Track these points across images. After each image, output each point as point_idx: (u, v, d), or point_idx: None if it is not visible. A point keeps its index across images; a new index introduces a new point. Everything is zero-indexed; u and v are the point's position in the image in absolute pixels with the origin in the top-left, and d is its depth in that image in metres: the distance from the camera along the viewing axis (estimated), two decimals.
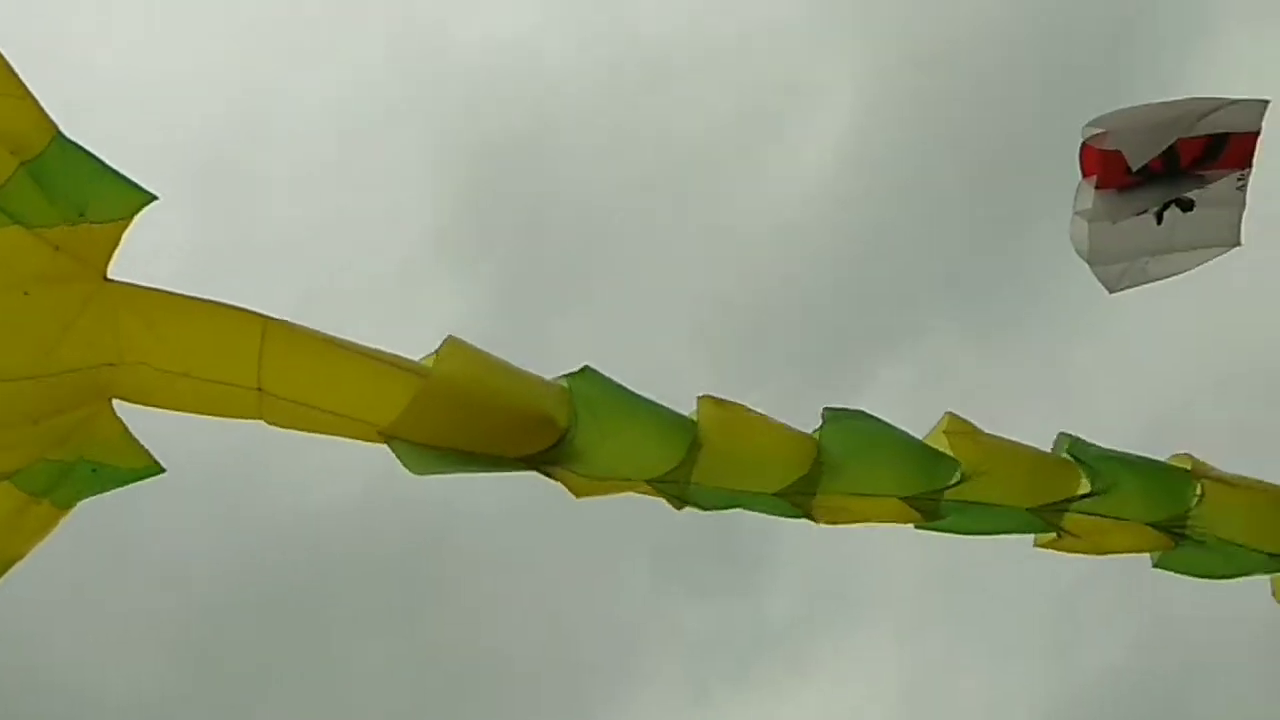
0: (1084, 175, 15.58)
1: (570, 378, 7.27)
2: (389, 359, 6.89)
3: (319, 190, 24.03)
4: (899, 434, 8.27)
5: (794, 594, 24.18)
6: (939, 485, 8.23)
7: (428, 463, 7.01)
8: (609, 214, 24.49)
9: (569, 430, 7.18)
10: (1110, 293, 16.31)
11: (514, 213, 24.65)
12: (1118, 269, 16.15)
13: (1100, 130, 15.22)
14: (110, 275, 6.26)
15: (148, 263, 6.68)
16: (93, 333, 6.27)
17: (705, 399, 7.68)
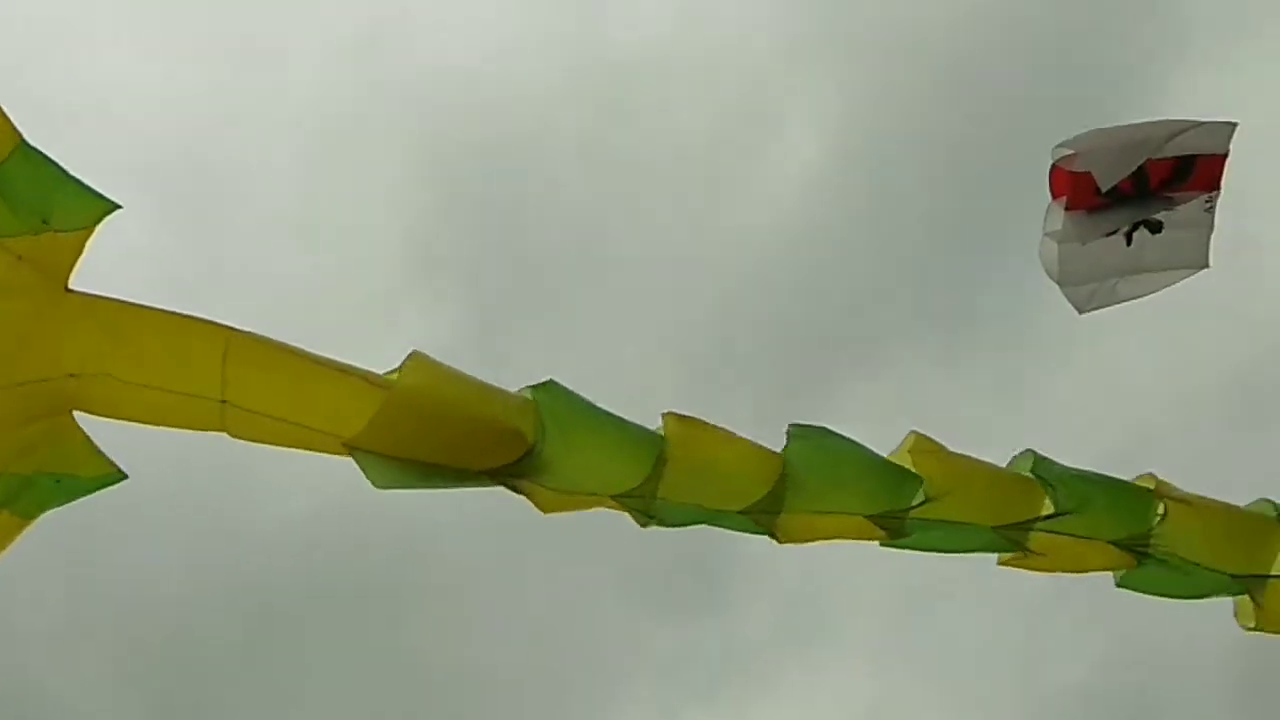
0: (1053, 196, 15.66)
1: (535, 390, 7.26)
2: (354, 371, 6.87)
3: (288, 203, 24.03)
4: (864, 452, 8.28)
5: (763, 614, 24.21)
6: (904, 504, 8.24)
7: (392, 476, 6.99)
8: (578, 231, 24.53)
9: (535, 443, 7.18)
10: (1080, 313, 16.37)
11: (484, 228, 24.67)
12: (1087, 290, 16.21)
13: (1070, 151, 15.31)
14: (72, 286, 6.24)
15: (115, 275, 6.66)
16: (54, 344, 6.23)
17: (670, 415, 7.68)
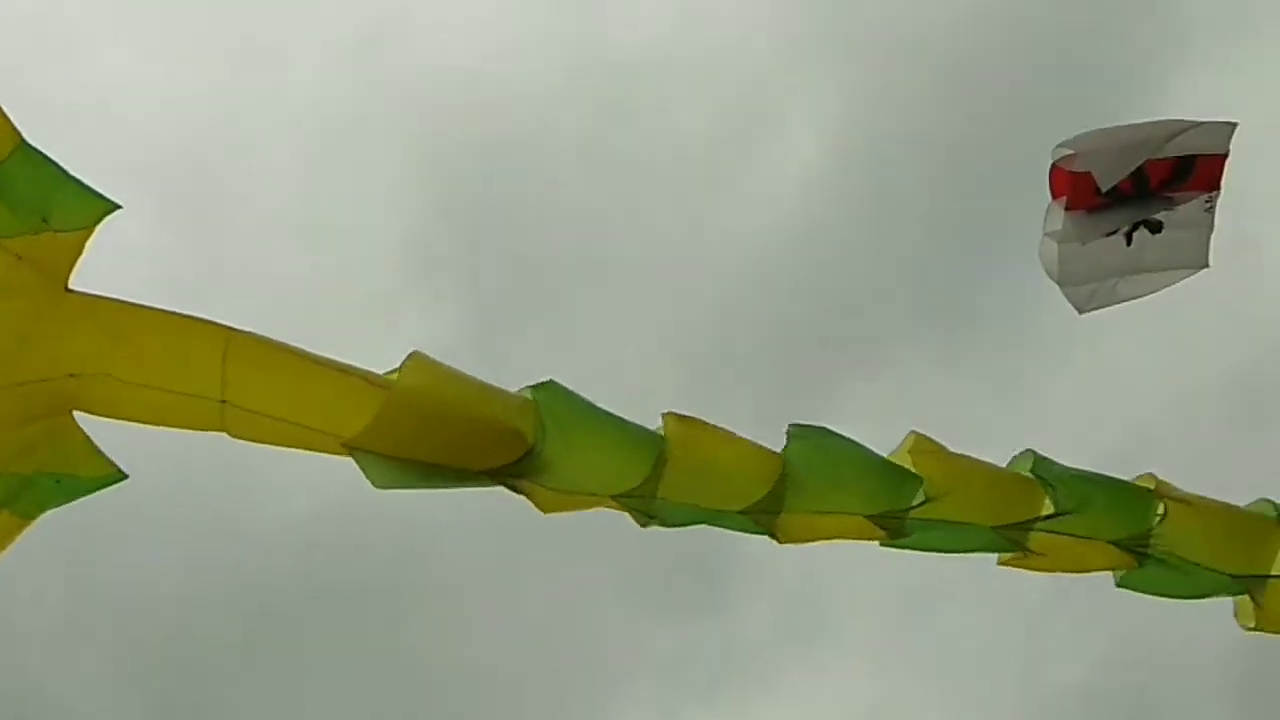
0: (1053, 196, 15.67)
1: (535, 390, 7.26)
2: (354, 371, 6.86)
3: (288, 203, 24.04)
4: (864, 452, 8.28)
5: (763, 614, 24.21)
6: (904, 504, 8.24)
7: (392, 476, 6.99)
8: (578, 231, 24.54)
9: (535, 443, 7.18)
10: (1080, 313, 16.38)
11: (484, 228, 24.68)
12: (1087, 290, 16.22)
13: (1070, 151, 15.32)
14: (72, 286, 6.24)
15: (115, 275, 6.66)
16: (54, 344, 6.23)
17: (670, 415, 7.68)
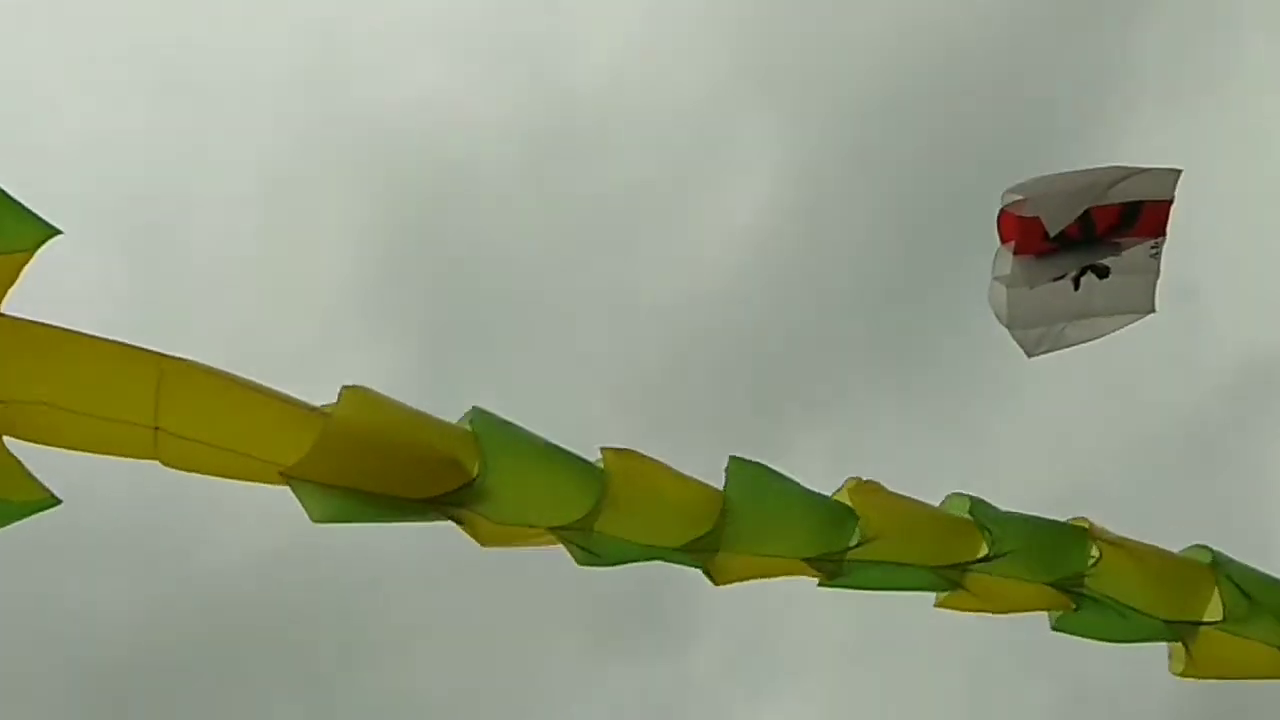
0: (1002, 241, 15.81)
1: (471, 420, 7.26)
2: (292, 400, 6.84)
3: (231, 240, 24.03)
4: (803, 491, 8.31)
5: (715, 653, 24.20)
6: (841, 545, 8.27)
7: (331, 507, 6.95)
8: (524, 273, 24.58)
9: (475, 472, 7.18)
10: (1029, 357, 16.52)
11: (433, 272, 24.72)
12: (1036, 333, 16.37)
13: (1018, 197, 15.47)
14: (4, 310, 6.21)
15: (56, 303, 6.63)
16: None
17: (607, 449, 7.68)
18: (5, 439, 6.33)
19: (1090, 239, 15.61)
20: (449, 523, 7.35)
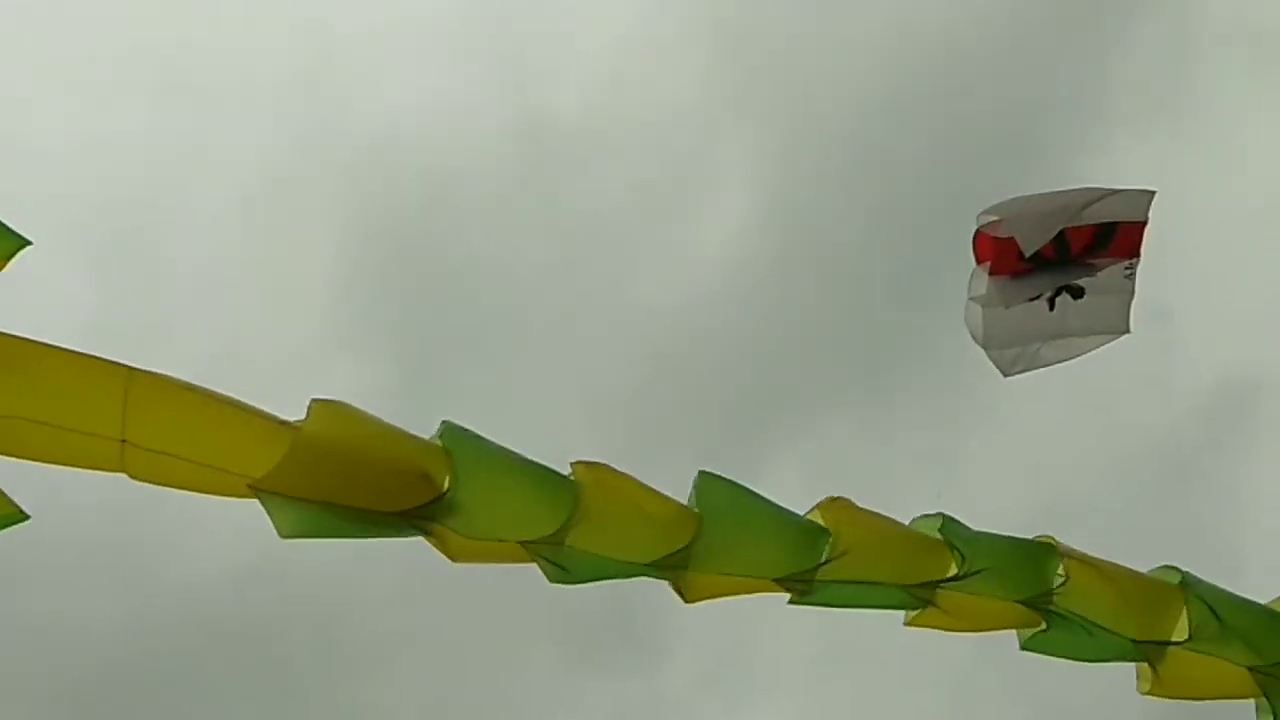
0: (978, 262, 15.86)
1: (442, 434, 7.25)
2: (262, 414, 6.82)
3: (213, 255, 23.99)
4: (773, 509, 8.30)
5: (690, 668, 24.17)
6: (811, 563, 8.27)
7: (299, 522, 6.94)
8: (503, 293, 24.60)
9: (447, 485, 7.16)
10: (1005, 376, 16.54)
11: (411, 288, 24.71)
12: (1012, 354, 16.39)
13: (994, 218, 15.52)
14: None
15: (29, 315, 6.61)
16: None
17: (578, 463, 7.67)
18: None
19: (1065, 259, 15.67)
20: (421, 538, 7.35)
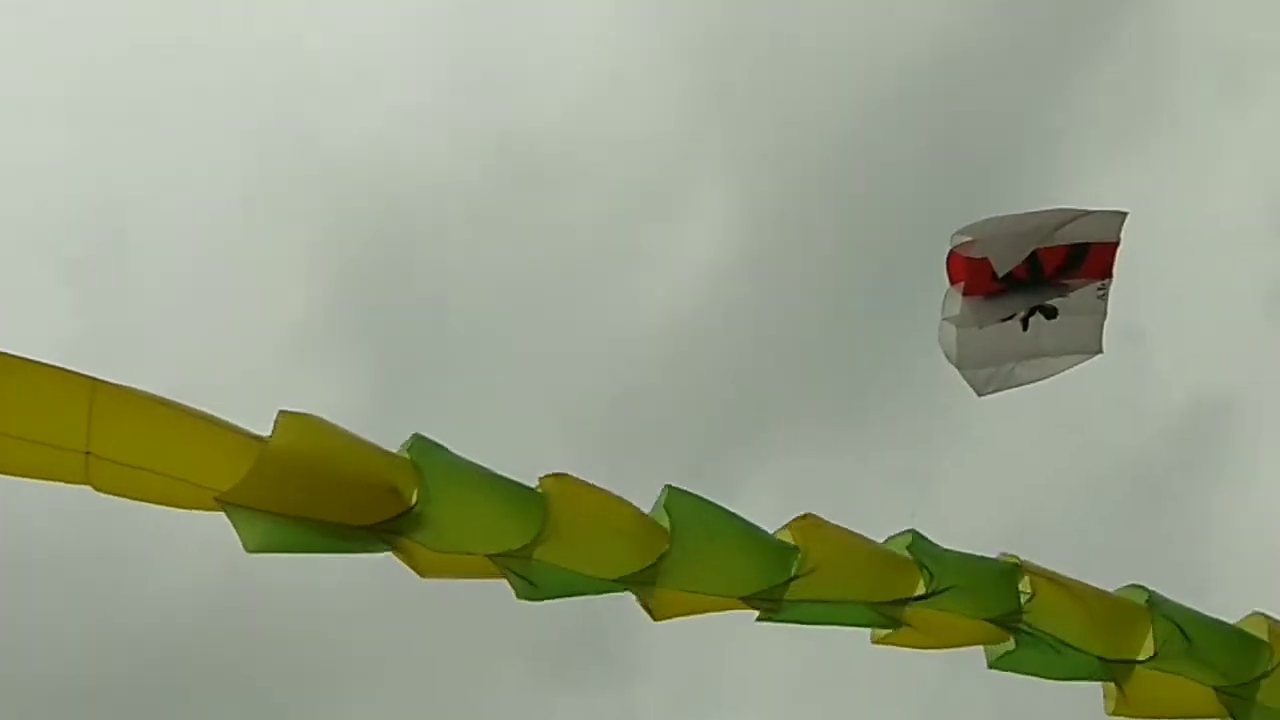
0: (951, 282, 15.89)
1: (410, 448, 7.23)
2: (229, 426, 6.77)
3: (192, 282, 23.95)
4: (741, 522, 8.29)
5: (664, 687, 24.14)
6: (779, 580, 8.25)
7: (266, 535, 6.89)
8: (476, 310, 24.60)
9: (413, 499, 7.14)
10: (979, 395, 16.58)
11: (388, 302, 24.70)
12: (985, 373, 16.43)
13: (967, 238, 15.56)
14: None
15: (12, 343, 6.55)
16: None
17: (546, 476, 7.64)
18: None
19: (1038, 280, 15.72)
20: (390, 555, 7.31)
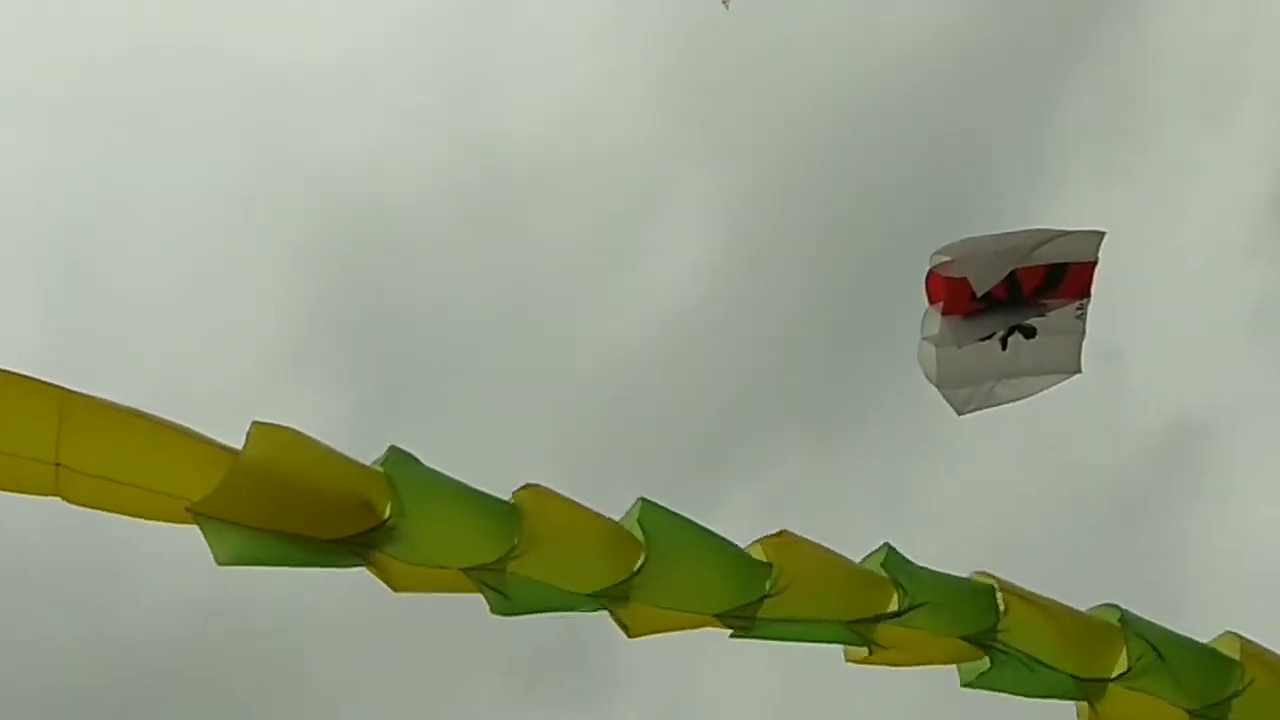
0: (931, 301, 15.96)
1: (385, 461, 7.22)
2: (200, 437, 6.75)
3: (165, 291, 23.92)
4: (715, 540, 8.28)
5: (641, 703, 24.13)
6: (753, 597, 8.25)
7: (238, 547, 6.87)
8: (456, 332, 24.60)
9: (387, 512, 7.12)
10: (958, 415, 16.65)
11: (365, 320, 24.70)
12: (965, 392, 16.49)
13: (947, 258, 15.63)
14: None
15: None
16: None
17: (521, 489, 7.63)
18: None
19: (1017, 299, 15.79)
20: (363, 570, 7.29)
